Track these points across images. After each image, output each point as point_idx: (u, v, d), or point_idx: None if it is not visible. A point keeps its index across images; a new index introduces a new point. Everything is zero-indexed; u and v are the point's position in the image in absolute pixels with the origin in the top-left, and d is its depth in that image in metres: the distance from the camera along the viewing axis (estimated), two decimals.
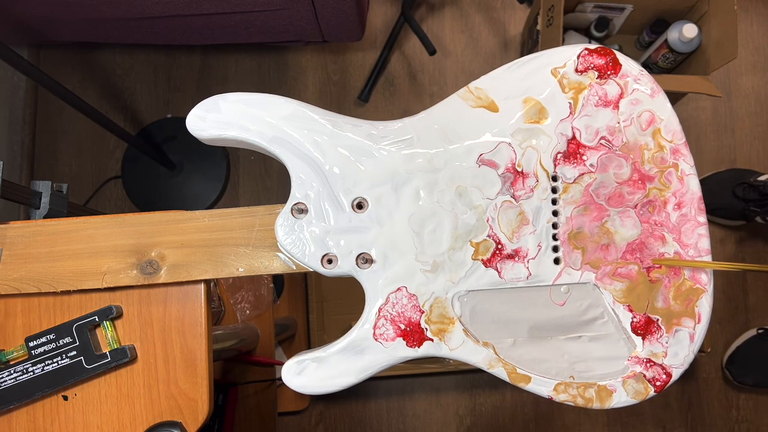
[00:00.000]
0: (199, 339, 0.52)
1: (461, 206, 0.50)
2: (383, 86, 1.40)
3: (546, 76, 0.50)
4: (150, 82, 1.39)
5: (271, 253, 0.51)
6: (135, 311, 0.52)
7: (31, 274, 0.51)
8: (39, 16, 1.11)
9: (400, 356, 0.49)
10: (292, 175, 0.49)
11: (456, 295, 0.49)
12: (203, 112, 0.49)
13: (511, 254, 0.50)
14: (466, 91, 0.50)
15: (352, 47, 1.41)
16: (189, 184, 1.34)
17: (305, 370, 0.48)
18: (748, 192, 1.28)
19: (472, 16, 1.43)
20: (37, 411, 0.51)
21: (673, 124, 0.50)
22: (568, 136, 0.50)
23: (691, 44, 1.20)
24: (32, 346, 0.50)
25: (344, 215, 0.49)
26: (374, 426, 1.31)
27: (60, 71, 1.38)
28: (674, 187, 0.50)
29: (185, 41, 1.24)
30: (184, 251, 0.51)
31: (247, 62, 1.40)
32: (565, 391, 0.49)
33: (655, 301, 0.50)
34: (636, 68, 0.50)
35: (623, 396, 0.49)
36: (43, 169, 1.36)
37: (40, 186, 0.76)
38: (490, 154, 0.50)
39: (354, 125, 0.50)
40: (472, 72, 1.42)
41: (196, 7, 1.04)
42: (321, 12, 1.07)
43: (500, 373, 0.49)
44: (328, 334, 1.27)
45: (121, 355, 0.50)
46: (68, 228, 0.52)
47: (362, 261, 0.49)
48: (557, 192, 0.50)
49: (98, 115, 1.00)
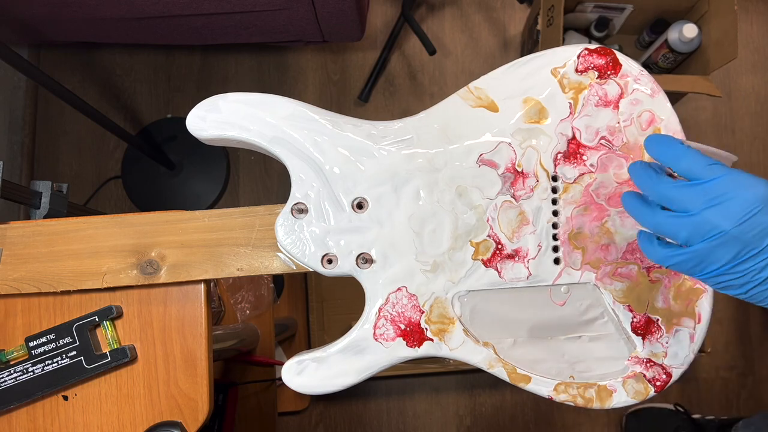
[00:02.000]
0: (199, 339, 0.52)
1: (461, 206, 0.50)
2: (383, 86, 1.40)
3: (546, 76, 0.50)
4: (150, 82, 1.39)
5: (271, 253, 0.51)
6: (135, 311, 0.52)
7: (31, 274, 0.51)
8: (39, 16, 1.11)
9: (400, 356, 0.49)
10: (292, 175, 0.49)
11: (456, 295, 0.49)
12: (203, 112, 0.49)
13: (511, 254, 0.50)
14: (466, 91, 0.50)
15: (352, 47, 1.41)
16: (189, 184, 1.34)
17: (305, 370, 0.48)
18: None
19: (472, 16, 1.43)
20: (37, 411, 0.51)
21: (673, 124, 0.50)
22: (568, 136, 0.50)
23: (691, 44, 1.20)
24: (32, 346, 0.50)
25: (344, 215, 0.49)
26: (374, 426, 1.31)
27: (60, 71, 1.38)
28: None
29: (185, 41, 1.24)
30: (184, 251, 0.51)
31: (247, 62, 1.40)
32: (565, 391, 0.49)
33: (655, 301, 0.50)
34: (636, 68, 0.50)
35: (623, 396, 0.49)
36: (43, 169, 1.36)
37: (40, 186, 0.76)
38: (490, 154, 0.50)
39: (354, 125, 0.50)
40: (472, 72, 1.41)
41: (196, 7, 1.04)
42: (321, 12, 1.07)
43: (500, 373, 0.49)
44: (328, 334, 1.27)
45: (121, 355, 0.50)
46: (68, 228, 0.52)
47: (362, 261, 0.49)
48: (557, 192, 0.50)
49: (98, 115, 1.00)
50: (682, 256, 0.40)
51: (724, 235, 0.38)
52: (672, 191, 0.40)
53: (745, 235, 0.38)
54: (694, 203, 0.39)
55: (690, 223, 0.39)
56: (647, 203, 0.43)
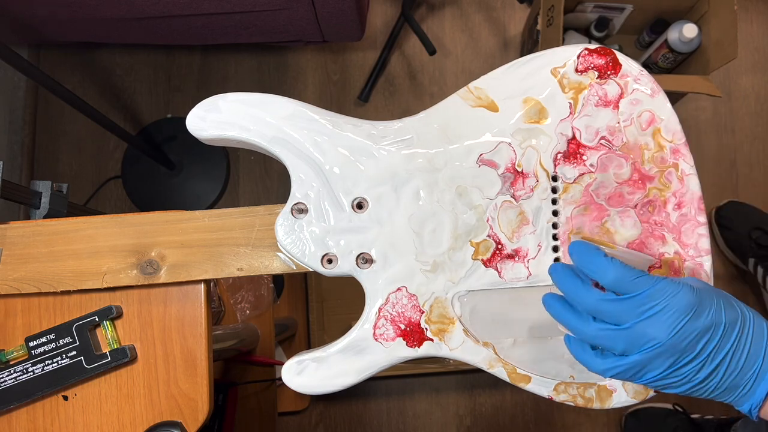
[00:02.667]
0: (199, 339, 0.52)
1: (461, 206, 0.50)
2: (383, 86, 1.40)
3: (546, 76, 0.50)
4: (150, 82, 1.39)
5: (271, 253, 0.51)
6: (135, 311, 0.52)
7: (31, 274, 0.51)
8: (39, 16, 1.11)
9: (400, 356, 0.49)
10: (292, 175, 0.49)
11: (456, 295, 0.49)
12: (203, 112, 0.49)
13: (511, 254, 0.50)
14: (466, 90, 0.50)
15: (352, 47, 1.41)
16: (189, 184, 1.34)
17: (305, 370, 0.48)
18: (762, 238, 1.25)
19: (472, 16, 1.43)
20: (37, 411, 0.51)
21: (673, 124, 0.50)
22: (568, 136, 0.50)
23: (691, 44, 1.20)
24: (32, 346, 0.50)
25: (344, 215, 0.49)
26: (374, 426, 1.31)
27: (60, 71, 1.38)
28: (674, 187, 0.50)
29: (185, 41, 1.24)
30: (184, 251, 0.51)
31: (247, 62, 1.40)
32: (565, 391, 0.49)
33: None
34: (636, 68, 0.50)
35: (623, 396, 0.49)
36: (43, 169, 1.36)
37: (40, 186, 0.76)
38: (490, 154, 0.50)
39: (354, 125, 0.50)
40: (472, 72, 1.41)
41: (196, 7, 1.04)
42: (321, 12, 1.07)
43: (500, 373, 0.49)
44: (328, 334, 1.27)
45: (121, 355, 0.50)
46: (68, 228, 0.52)
47: (362, 261, 0.49)
48: (557, 192, 0.50)
49: (98, 115, 1.00)
50: (622, 367, 0.41)
51: (661, 346, 0.40)
52: (604, 305, 0.41)
53: (680, 344, 0.40)
54: (626, 316, 0.40)
55: (626, 335, 0.40)
56: (575, 312, 0.43)
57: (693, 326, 0.40)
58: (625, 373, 0.42)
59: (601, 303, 0.41)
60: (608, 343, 0.41)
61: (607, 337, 0.41)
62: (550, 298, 0.45)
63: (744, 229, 1.29)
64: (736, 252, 1.31)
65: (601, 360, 0.42)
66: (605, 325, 0.41)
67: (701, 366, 0.41)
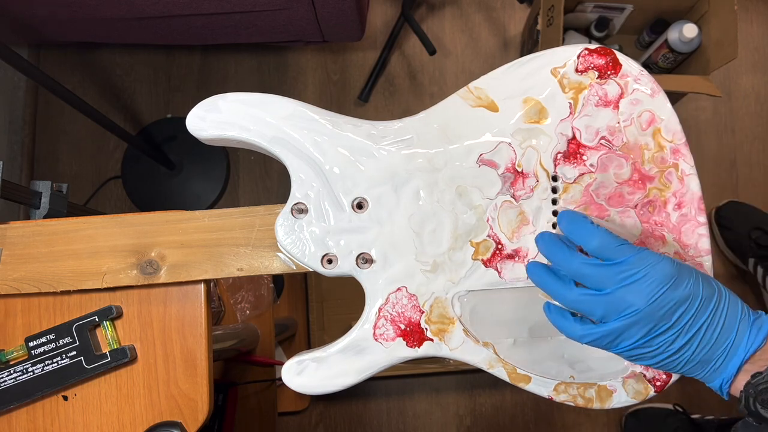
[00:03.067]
0: (199, 339, 0.52)
1: (461, 206, 0.50)
2: (383, 86, 1.40)
3: (546, 76, 0.50)
4: (150, 82, 1.39)
5: (271, 253, 0.51)
6: (135, 311, 0.52)
7: (31, 274, 0.51)
8: (39, 16, 1.11)
9: (400, 356, 0.49)
10: (292, 175, 0.49)
11: (456, 295, 0.49)
12: (203, 112, 0.49)
13: (511, 254, 0.50)
14: (466, 90, 0.50)
15: (352, 47, 1.41)
16: (189, 184, 1.34)
17: (305, 370, 0.48)
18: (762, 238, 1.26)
19: (472, 16, 1.43)
20: (37, 411, 0.51)
21: (673, 124, 0.50)
22: (568, 136, 0.50)
23: (691, 44, 1.20)
24: (32, 346, 0.50)
25: (344, 215, 0.49)
26: (374, 426, 1.31)
27: (60, 71, 1.38)
28: (674, 187, 0.50)
29: (185, 41, 1.24)
30: (184, 251, 0.51)
31: (247, 62, 1.40)
32: (565, 391, 0.49)
33: None
34: (636, 68, 0.50)
35: (623, 396, 0.49)
36: (43, 169, 1.36)
37: (40, 186, 0.76)
38: (490, 154, 0.50)
39: (354, 125, 0.50)
40: (472, 72, 1.41)
41: (196, 7, 1.04)
42: (321, 12, 1.07)
43: (500, 373, 0.49)
44: (328, 334, 1.27)
45: (121, 355, 0.50)
46: (68, 228, 0.52)
47: (362, 261, 0.49)
48: (557, 192, 0.50)
49: (98, 115, 1.00)
50: (599, 333, 0.42)
51: (638, 313, 0.40)
52: (587, 269, 0.42)
53: (657, 312, 0.40)
54: (608, 282, 0.41)
55: (605, 301, 0.41)
56: (559, 278, 0.44)
57: (671, 296, 0.40)
58: (601, 339, 0.42)
59: (584, 266, 0.42)
60: (588, 308, 0.42)
61: (588, 302, 0.42)
62: (534, 265, 0.45)
63: (744, 229, 1.29)
64: (736, 252, 1.31)
65: (580, 326, 0.43)
66: (586, 290, 0.42)
67: (676, 336, 0.41)
